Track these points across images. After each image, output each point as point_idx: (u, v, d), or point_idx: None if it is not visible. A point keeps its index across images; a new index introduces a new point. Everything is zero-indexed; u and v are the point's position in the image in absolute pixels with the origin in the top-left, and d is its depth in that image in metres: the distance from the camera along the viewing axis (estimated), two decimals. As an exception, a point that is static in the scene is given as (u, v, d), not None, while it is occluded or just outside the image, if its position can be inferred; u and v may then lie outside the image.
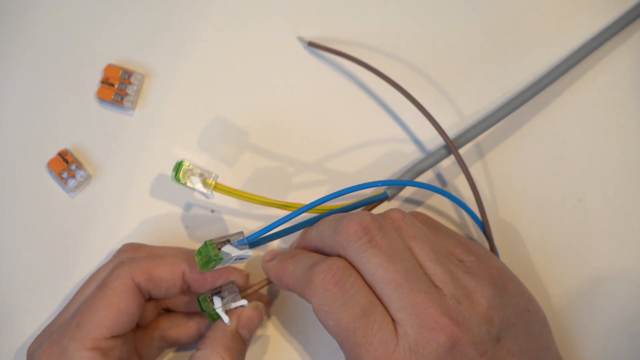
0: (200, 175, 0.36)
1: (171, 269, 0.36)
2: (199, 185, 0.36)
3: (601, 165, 0.43)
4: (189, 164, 0.36)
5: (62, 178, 0.42)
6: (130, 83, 0.42)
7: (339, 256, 0.33)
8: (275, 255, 0.36)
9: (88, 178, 0.42)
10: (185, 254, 0.37)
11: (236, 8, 0.44)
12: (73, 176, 0.41)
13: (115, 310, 0.34)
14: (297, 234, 0.37)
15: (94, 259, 0.41)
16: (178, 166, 0.36)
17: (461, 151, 0.42)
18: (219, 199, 0.41)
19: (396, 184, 0.38)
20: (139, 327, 0.38)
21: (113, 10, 0.44)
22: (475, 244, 0.35)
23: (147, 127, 0.43)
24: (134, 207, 0.42)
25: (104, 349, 0.34)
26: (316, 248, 0.35)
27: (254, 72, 0.43)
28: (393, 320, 0.31)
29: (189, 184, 0.36)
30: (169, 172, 0.42)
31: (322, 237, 0.34)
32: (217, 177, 0.36)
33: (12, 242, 0.42)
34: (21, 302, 0.41)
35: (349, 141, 0.43)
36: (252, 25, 0.44)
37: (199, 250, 0.34)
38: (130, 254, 0.38)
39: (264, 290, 0.41)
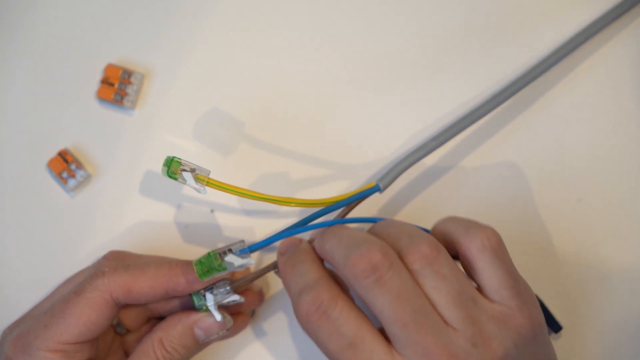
0: (192, 170, 0.36)
1: (152, 284, 0.36)
2: (190, 181, 0.35)
3: (601, 165, 0.43)
4: (180, 160, 0.36)
5: (62, 178, 0.42)
6: (130, 83, 0.42)
7: (347, 284, 0.33)
8: (287, 250, 0.36)
9: (88, 178, 0.42)
10: (167, 267, 0.36)
11: (236, 7, 0.44)
12: (73, 176, 0.41)
13: (86, 320, 0.34)
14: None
15: (93, 259, 0.41)
16: (170, 162, 0.35)
17: (456, 149, 0.42)
18: (217, 196, 0.41)
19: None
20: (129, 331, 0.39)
21: (113, 9, 0.44)
22: (526, 287, 0.34)
23: (147, 126, 0.43)
24: (134, 207, 0.42)
25: (67, 352, 0.34)
26: (328, 262, 0.35)
27: (254, 71, 0.43)
28: (398, 353, 0.31)
29: (180, 179, 0.36)
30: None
31: (332, 259, 0.34)
32: (209, 172, 0.36)
33: (12, 242, 0.42)
34: (21, 302, 0.40)
35: (349, 132, 0.43)
36: (252, 25, 0.44)
37: (200, 261, 0.34)
38: (114, 263, 0.37)
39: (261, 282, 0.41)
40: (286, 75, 0.43)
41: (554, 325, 0.40)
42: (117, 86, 0.42)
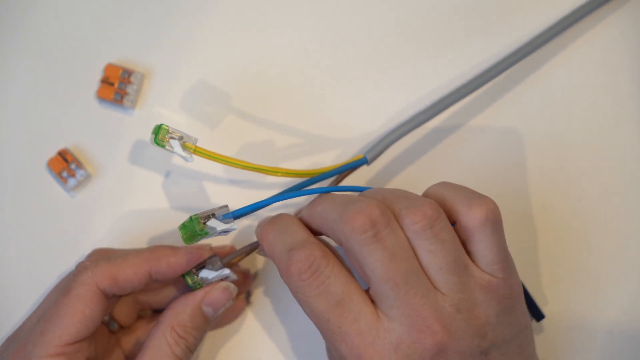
0: (180, 138, 0.36)
1: (135, 270, 0.36)
2: (178, 149, 0.35)
3: (602, 164, 0.43)
4: (169, 127, 0.36)
5: (62, 177, 0.42)
6: (130, 82, 0.42)
7: (340, 242, 0.33)
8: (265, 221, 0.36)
9: (88, 177, 0.42)
10: (148, 251, 0.37)
11: (236, 7, 0.44)
12: (73, 175, 0.41)
13: (80, 316, 0.34)
14: (283, 203, 0.37)
15: (93, 259, 0.41)
16: (157, 129, 0.35)
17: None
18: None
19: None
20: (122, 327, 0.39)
21: (113, 9, 0.44)
22: (511, 259, 0.34)
23: (147, 126, 0.43)
24: (133, 207, 0.42)
25: (67, 354, 0.34)
26: (318, 227, 0.34)
27: (254, 70, 0.43)
28: (383, 313, 0.31)
29: (167, 146, 0.36)
30: (170, 172, 0.42)
31: (326, 218, 0.33)
32: (197, 140, 0.36)
33: (11, 242, 0.42)
34: (21, 302, 0.40)
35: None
36: (252, 25, 0.44)
37: (184, 225, 0.34)
38: (95, 258, 0.37)
39: (249, 264, 0.41)
40: (285, 70, 0.43)
41: (536, 314, 0.40)
42: (117, 86, 0.42)
